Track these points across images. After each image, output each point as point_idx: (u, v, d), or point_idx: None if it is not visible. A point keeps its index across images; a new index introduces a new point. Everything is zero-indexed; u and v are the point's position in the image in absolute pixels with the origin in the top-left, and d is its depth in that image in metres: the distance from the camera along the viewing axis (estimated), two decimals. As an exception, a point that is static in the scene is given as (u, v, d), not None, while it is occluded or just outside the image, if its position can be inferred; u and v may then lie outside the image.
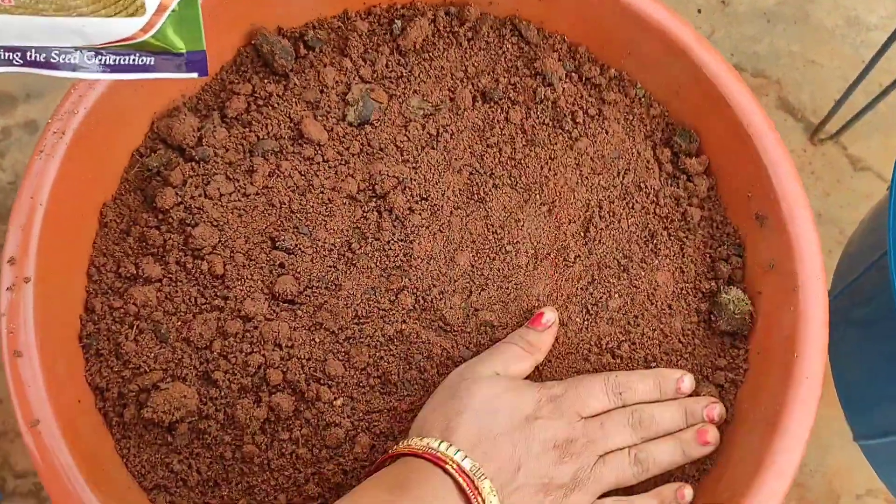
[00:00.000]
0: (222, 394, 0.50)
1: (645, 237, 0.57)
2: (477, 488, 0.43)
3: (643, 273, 0.56)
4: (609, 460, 0.49)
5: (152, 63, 0.35)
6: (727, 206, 0.59)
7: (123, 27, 0.33)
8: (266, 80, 0.59)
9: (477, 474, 0.43)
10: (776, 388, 0.50)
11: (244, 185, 0.55)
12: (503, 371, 0.50)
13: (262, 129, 0.57)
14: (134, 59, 0.34)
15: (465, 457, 0.44)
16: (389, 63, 0.60)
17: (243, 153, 0.56)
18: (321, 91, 0.59)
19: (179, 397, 0.49)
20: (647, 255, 0.57)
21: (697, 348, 0.55)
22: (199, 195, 0.54)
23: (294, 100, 0.58)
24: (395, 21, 0.61)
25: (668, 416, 0.51)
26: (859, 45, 1.24)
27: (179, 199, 0.54)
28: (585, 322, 0.54)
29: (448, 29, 0.62)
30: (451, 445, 0.45)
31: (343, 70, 0.60)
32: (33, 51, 0.34)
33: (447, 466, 0.43)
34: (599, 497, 0.48)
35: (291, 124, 0.57)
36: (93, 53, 0.34)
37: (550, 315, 0.53)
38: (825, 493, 1.03)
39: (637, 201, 0.58)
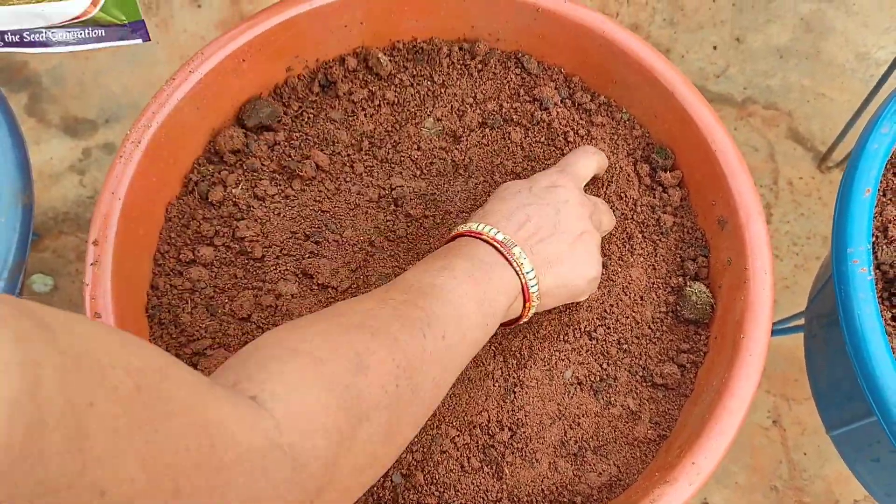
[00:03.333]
0: (259, 358, 0.61)
1: (623, 238, 0.66)
2: (510, 251, 0.54)
3: (620, 269, 0.65)
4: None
5: (103, 34, 0.45)
6: (697, 213, 0.67)
7: (74, 7, 0.43)
8: (307, 105, 0.70)
9: (508, 242, 0.55)
10: (725, 363, 0.58)
11: (285, 188, 0.67)
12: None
13: (298, 143, 0.68)
14: (89, 33, 0.45)
15: (498, 231, 0.55)
16: (408, 90, 0.71)
17: (286, 163, 0.67)
18: (349, 111, 0.70)
19: (223, 361, 0.59)
20: (624, 253, 0.66)
21: (665, 334, 0.63)
22: (248, 196, 0.66)
23: (325, 118, 0.69)
24: (418, 54, 0.73)
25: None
26: (868, 80, 1.31)
27: (228, 196, 0.65)
28: (567, 308, 0.63)
29: (461, 62, 0.73)
30: (486, 225, 0.56)
31: (371, 94, 0.71)
32: (9, 34, 0.45)
33: (483, 238, 0.55)
34: None
35: (324, 138, 0.68)
36: (56, 30, 0.45)
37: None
38: (824, 497, 1.08)
39: (618, 208, 0.67)
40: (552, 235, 0.56)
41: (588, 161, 0.64)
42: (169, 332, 0.61)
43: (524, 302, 0.56)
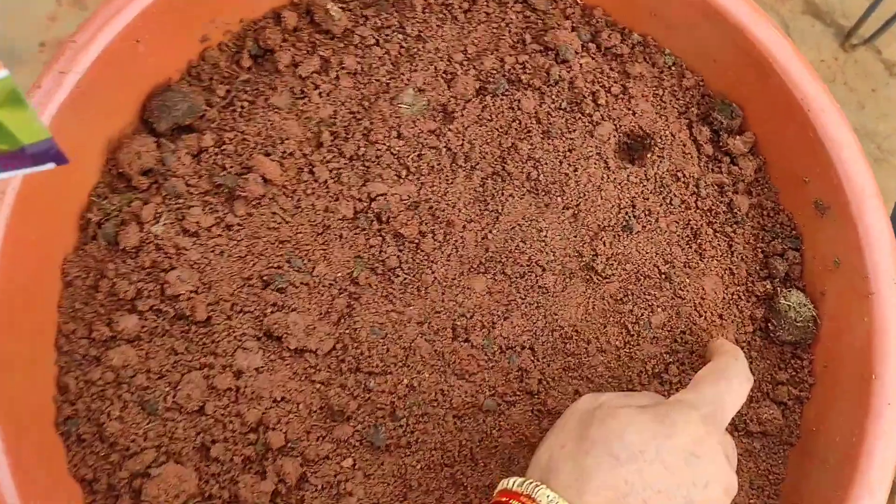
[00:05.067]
0: (224, 468, 0.45)
1: (687, 237, 0.50)
2: None
3: (688, 280, 0.49)
4: None
5: (10, 162, 0.31)
6: (779, 190, 0.51)
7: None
8: (237, 88, 0.50)
9: None
10: (851, 413, 0.44)
11: (224, 215, 0.48)
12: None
13: (234, 147, 0.49)
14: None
15: None
16: (374, 50, 0.52)
17: (220, 180, 0.48)
18: (298, 91, 0.50)
19: (175, 482, 0.43)
20: (690, 257, 0.50)
21: (754, 361, 0.49)
22: (175, 233, 0.47)
23: (265, 106, 0.50)
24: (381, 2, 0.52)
25: None
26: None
27: (147, 238, 0.47)
28: (626, 345, 0.48)
29: (441, 2, 0.53)
30: None
31: (324, 62, 0.51)
32: None
33: None
34: None
35: (268, 136, 0.49)
36: None
37: None
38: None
39: (675, 194, 0.50)
40: None
41: (744, 390, 0.42)
42: (94, 452, 0.44)
43: None
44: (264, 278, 0.48)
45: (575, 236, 0.49)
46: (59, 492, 0.42)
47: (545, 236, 0.49)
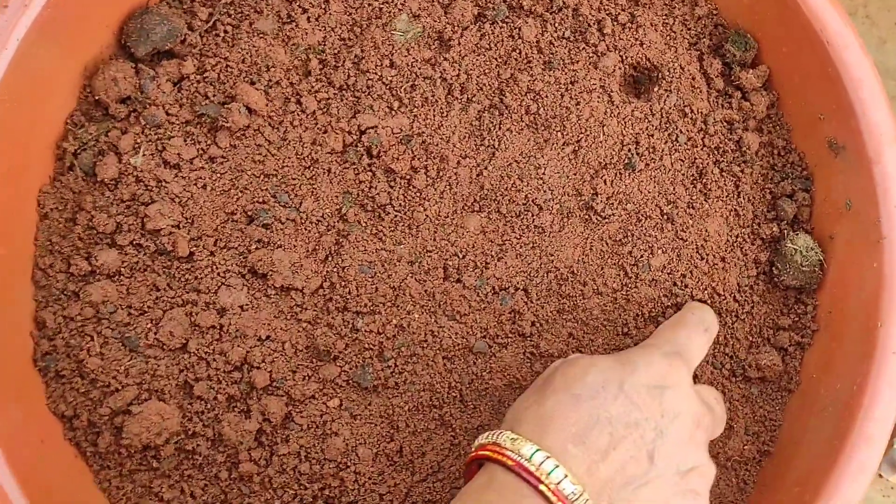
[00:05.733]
0: (207, 406, 0.44)
1: (692, 176, 0.48)
2: None
3: (691, 221, 0.47)
4: None
5: None
6: (792, 128, 0.48)
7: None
8: (220, 11, 0.47)
9: (578, 499, 0.34)
10: (854, 360, 0.42)
11: (207, 147, 0.46)
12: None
13: (217, 74, 0.46)
14: None
15: (562, 470, 0.34)
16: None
17: (202, 110, 0.46)
18: (285, 15, 0.47)
19: (158, 419, 0.42)
20: (695, 198, 0.47)
21: (756, 306, 0.47)
22: (156, 165, 0.45)
23: (250, 31, 0.47)
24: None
25: None
26: None
27: (127, 170, 0.45)
28: (624, 287, 0.46)
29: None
30: (538, 449, 0.35)
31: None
32: None
33: (532, 478, 0.34)
34: None
35: (253, 63, 0.47)
36: None
37: None
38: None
39: (682, 131, 0.48)
40: (647, 478, 0.35)
41: (703, 339, 0.43)
42: (74, 388, 0.43)
43: None
44: (249, 213, 0.46)
45: (574, 174, 0.47)
46: (39, 432, 0.42)
47: (543, 174, 0.47)
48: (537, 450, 0.35)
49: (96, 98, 0.46)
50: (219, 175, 0.46)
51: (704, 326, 0.43)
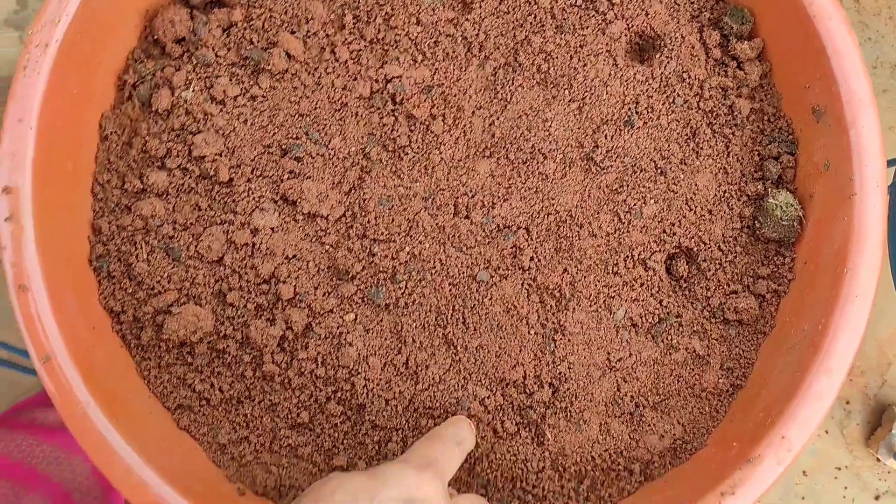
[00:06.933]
0: (238, 313, 0.49)
1: (686, 135, 0.52)
2: None
3: (682, 176, 0.51)
4: None
5: None
6: (782, 96, 0.52)
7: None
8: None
9: None
10: (822, 303, 0.46)
11: (249, 86, 0.52)
12: None
13: (261, 23, 0.52)
14: None
15: None
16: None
17: (248, 53, 0.51)
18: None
19: (194, 320, 0.48)
20: (687, 155, 0.52)
21: (738, 256, 0.51)
22: (204, 100, 0.51)
23: (298, -12, 0.53)
24: None
25: None
26: None
27: (178, 102, 0.51)
28: (616, 231, 0.51)
29: None
30: None
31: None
32: None
33: None
34: None
35: (294, 15, 0.52)
36: None
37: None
38: (876, 359, 1.01)
39: (679, 94, 0.52)
40: None
41: (456, 453, 0.43)
42: (122, 288, 0.49)
43: None
44: (283, 147, 0.51)
45: (578, 128, 0.52)
46: (91, 321, 0.47)
47: (549, 126, 0.52)
48: None
49: (155, 38, 0.52)
50: (259, 112, 0.51)
51: (457, 440, 0.44)
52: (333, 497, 0.37)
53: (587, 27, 0.53)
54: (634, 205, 0.51)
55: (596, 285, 0.50)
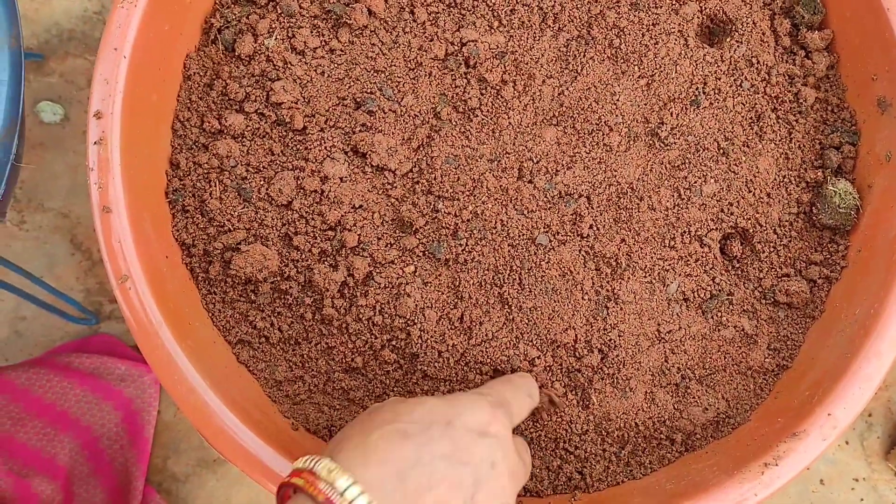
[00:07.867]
0: (303, 256, 0.51)
1: (751, 119, 0.53)
2: None
3: (744, 158, 0.52)
4: None
5: None
6: (847, 87, 0.53)
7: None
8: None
9: None
10: (875, 290, 0.47)
11: (329, 39, 0.53)
12: None
13: (347, -20, 0.54)
14: None
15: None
16: None
17: (330, 7, 0.53)
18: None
19: (261, 259, 0.49)
20: (750, 138, 0.53)
21: (793, 241, 0.52)
22: (285, 49, 0.52)
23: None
24: None
25: None
26: None
27: (260, 49, 0.52)
28: (676, 206, 0.52)
29: None
30: (354, 483, 0.35)
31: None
32: None
33: None
34: None
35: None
36: None
37: None
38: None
39: (746, 78, 0.53)
40: None
41: (527, 402, 0.45)
42: (195, 222, 0.51)
43: None
44: (357, 100, 0.53)
45: (645, 104, 0.53)
46: (164, 250, 0.49)
47: (617, 100, 0.53)
48: (352, 483, 0.34)
49: (243, -15, 0.53)
50: (336, 65, 0.53)
51: (528, 392, 0.45)
52: (412, 414, 0.38)
53: (661, 6, 0.54)
54: (695, 182, 0.52)
55: (651, 257, 0.51)
